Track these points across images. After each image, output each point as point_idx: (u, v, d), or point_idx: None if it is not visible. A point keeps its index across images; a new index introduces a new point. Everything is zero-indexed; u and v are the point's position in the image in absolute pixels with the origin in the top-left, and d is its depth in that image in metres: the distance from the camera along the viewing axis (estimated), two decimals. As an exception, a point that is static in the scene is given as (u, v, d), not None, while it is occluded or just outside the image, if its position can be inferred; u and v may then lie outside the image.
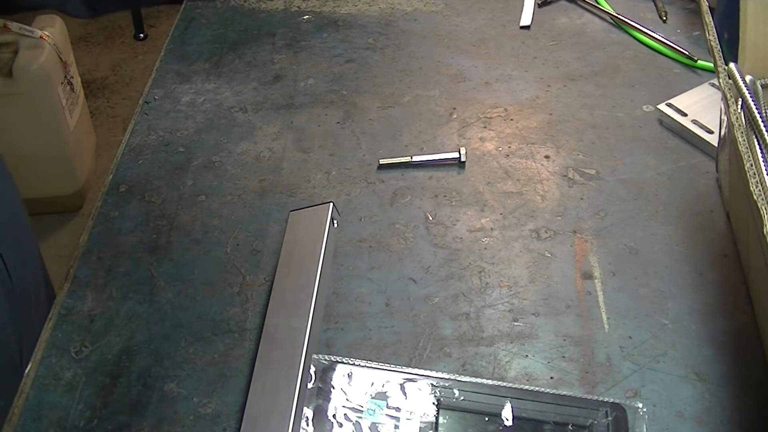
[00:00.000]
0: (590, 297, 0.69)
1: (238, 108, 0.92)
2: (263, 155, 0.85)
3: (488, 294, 0.70)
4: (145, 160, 0.85)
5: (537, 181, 0.81)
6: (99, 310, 0.70)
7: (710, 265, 0.71)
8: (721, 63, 0.64)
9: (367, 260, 0.73)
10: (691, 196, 0.78)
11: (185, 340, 0.67)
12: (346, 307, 0.69)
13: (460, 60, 0.97)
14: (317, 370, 0.60)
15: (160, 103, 0.93)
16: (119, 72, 2.57)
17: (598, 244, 0.74)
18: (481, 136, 0.86)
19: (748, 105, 0.62)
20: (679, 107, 0.85)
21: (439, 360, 0.65)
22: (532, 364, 0.64)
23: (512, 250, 0.74)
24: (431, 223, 0.77)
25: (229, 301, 0.70)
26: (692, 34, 0.99)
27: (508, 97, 0.92)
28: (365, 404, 0.59)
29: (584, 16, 1.04)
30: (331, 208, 0.72)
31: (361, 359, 0.63)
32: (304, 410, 0.59)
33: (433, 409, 0.59)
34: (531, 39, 1.01)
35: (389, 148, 0.85)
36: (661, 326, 0.67)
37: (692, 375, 0.63)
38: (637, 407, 0.59)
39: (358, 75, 0.96)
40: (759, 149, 0.59)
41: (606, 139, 0.85)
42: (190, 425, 0.61)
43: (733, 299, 0.68)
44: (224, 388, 0.63)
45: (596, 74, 0.94)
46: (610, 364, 0.64)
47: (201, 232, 0.77)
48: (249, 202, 0.80)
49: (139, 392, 0.63)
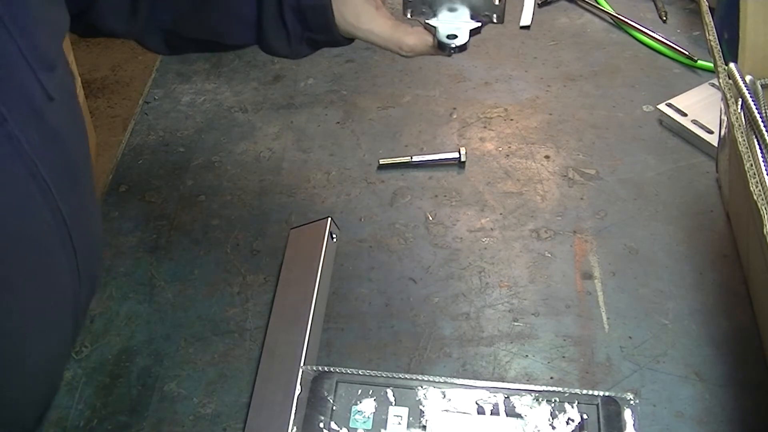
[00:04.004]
0: (590, 297, 0.69)
1: (238, 108, 0.92)
2: (263, 155, 0.85)
3: (488, 294, 0.70)
4: (145, 160, 0.85)
5: (537, 181, 0.81)
6: (99, 310, 0.70)
7: (710, 265, 0.71)
8: (721, 63, 0.64)
9: (367, 260, 0.73)
10: (691, 196, 0.78)
11: (185, 340, 0.67)
12: (346, 307, 0.69)
13: (460, 60, 0.97)
14: (307, 380, 0.60)
15: (160, 103, 0.93)
16: (119, 72, 2.56)
17: (598, 244, 0.74)
18: (481, 136, 0.86)
19: (748, 105, 0.62)
20: (679, 107, 0.85)
21: (439, 360, 0.65)
22: (532, 364, 0.64)
23: (512, 250, 0.74)
24: (431, 223, 0.77)
25: (229, 301, 0.70)
26: (692, 34, 0.99)
27: (508, 97, 0.92)
28: (353, 413, 0.59)
29: (584, 16, 1.04)
30: (328, 224, 0.72)
31: (353, 366, 0.62)
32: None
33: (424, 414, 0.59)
34: (531, 39, 1.01)
35: (389, 148, 0.85)
36: (661, 326, 0.67)
37: (692, 375, 0.63)
38: (629, 399, 0.58)
39: (358, 75, 0.96)
40: (759, 149, 0.59)
41: (606, 139, 0.85)
42: (190, 425, 0.61)
43: (733, 299, 0.68)
44: (224, 388, 0.63)
45: (596, 74, 0.94)
46: (610, 364, 0.64)
47: (201, 232, 0.77)
48: (249, 202, 0.80)
49: (139, 392, 0.63)
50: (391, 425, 0.58)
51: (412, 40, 0.62)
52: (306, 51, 0.66)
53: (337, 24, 0.62)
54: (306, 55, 0.67)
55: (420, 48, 0.62)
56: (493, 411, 0.58)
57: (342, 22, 0.62)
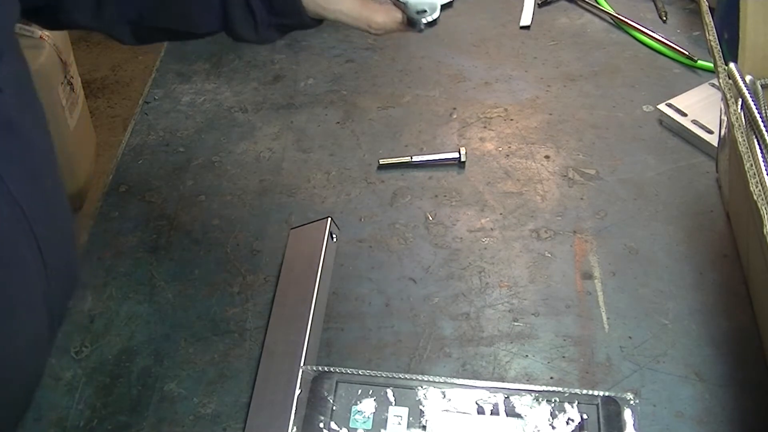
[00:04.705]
0: (590, 297, 0.69)
1: (238, 108, 0.92)
2: (263, 155, 0.85)
3: (488, 294, 0.70)
4: (145, 160, 0.85)
5: (537, 181, 0.81)
6: (99, 310, 0.70)
7: (710, 265, 0.71)
8: (721, 63, 0.64)
9: (367, 260, 0.73)
10: (691, 196, 0.78)
11: (185, 340, 0.67)
12: (346, 307, 0.69)
13: (460, 60, 0.97)
14: (307, 380, 0.60)
15: (160, 103, 0.93)
16: (119, 72, 2.56)
17: (598, 244, 0.74)
18: (481, 136, 0.86)
19: (748, 105, 0.62)
20: (679, 107, 0.85)
21: (439, 360, 0.65)
22: (532, 364, 0.64)
23: (512, 250, 0.74)
24: (431, 223, 0.77)
25: (229, 301, 0.70)
26: (692, 34, 0.99)
27: (508, 97, 0.92)
28: (353, 413, 0.59)
29: (584, 16, 1.04)
30: (328, 224, 0.71)
31: (353, 366, 0.62)
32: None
33: (424, 414, 0.59)
34: (531, 39, 1.01)
35: (389, 148, 0.85)
36: (661, 326, 0.67)
37: (692, 375, 0.63)
38: (629, 399, 0.58)
39: (358, 75, 0.96)
40: (759, 149, 0.59)
41: (606, 139, 0.85)
42: (190, 425, 0.61)
43: (733, 299, 0.68)
44: (224, 388, 0.63)
45: (596, 74, 0.94)
46: (610, 364, 0.64)
47: (201, 232, 0.77)
48: (249, 202, 0.80)
49: (139, 392, 0.63)
50: (391, 425, 0.58)
51: (381, 17, 0.62)
52: (274, 36, 0.65)
53: (305, 6, 0.62)
54: (274, 41, 0.66)
55: (390, 25, 0.62)
56: (493, 411, 0.58)
57: (310, 3, 0.62)
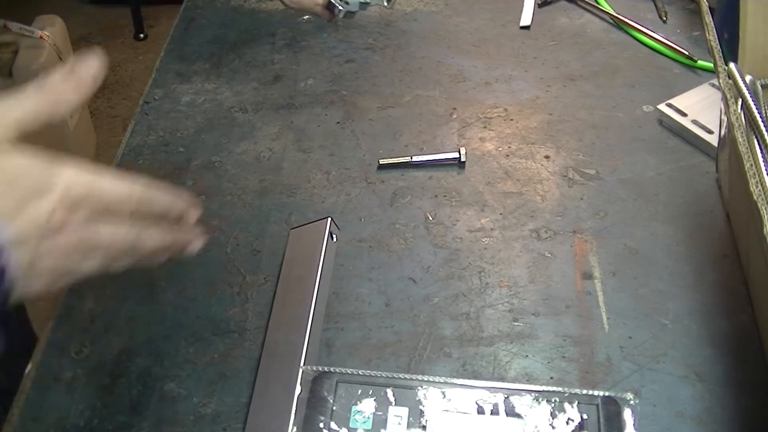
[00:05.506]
0: (590, 297, 0.69)
1: (238, 108, 0.92)
2: (263, 155, 0.85)
3: (488, 294, 0.70)
4: (145, 160, 0.85)
5: (537, 181, 0.81)
6: (99, 310, 0.70)
7: (710, 265, 0.71)
8: (721, 63, 0.64)
9: (367, 260, 0.73)
10: (691, 196, 0.78)
11: (185, 340, 0.67)
12: (346, 307, 0.69)
13: (460, 60, 0.97)
14: (307, 380, 0.60)
15: (160, 103, 0.93)
16: (119, 72, 2.57)
17: (598, 244, 0.74)
18: (481, 136, 0.86)
19: (748, 105, 0.62)
20: (679, 107, 0.85)
21: (439, 360, 0.65)
22: (532, 364, 0.64)
23: (512, 250, 0.74)
24: (431, 223, 0.77)
25: (229, 301, 0.70)
26: (692, 34, 0.99)
27: (508, 97, 0.92)
28: (353, 413, 0.59)
29: (584, 16, 1.04)
30: (328, 224, 0.71)
31: (353, 366, 0.62)
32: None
33: (424, 414, 0.59)
34: (531, 39, 1.01)
35: (389, 148, 0.85)
36: (661, 326, 0.67)
37: (692, 375, 0.63)
38: (629, 399, 0.58)
39: (358, 75, 0.96)
40: (759, 149, 0.59)
41: (606, 139, 0.85)
42: (190, 425, 0.61)
43: (733, 299, 0.68)
44: (224, 388, 0.63)
45: (596, 74, 0.94)
46: (610, 364, 0.64)
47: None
48: (249, 202, 0.80)
49: (139, 392, 0.63)
50: (391, 425, 0.58)
51: None
52: None
53: None
54: None
55: (306, 1, 0.62)
56: (493, 411, 0.58)
57: None
